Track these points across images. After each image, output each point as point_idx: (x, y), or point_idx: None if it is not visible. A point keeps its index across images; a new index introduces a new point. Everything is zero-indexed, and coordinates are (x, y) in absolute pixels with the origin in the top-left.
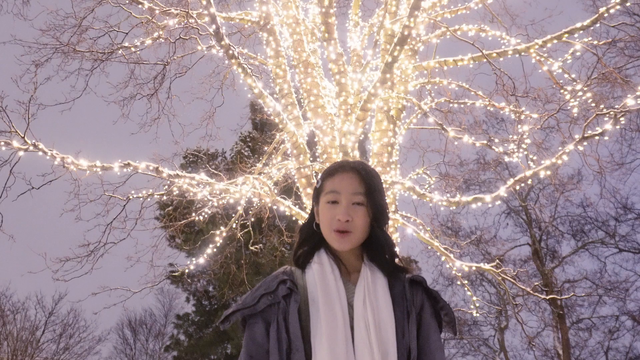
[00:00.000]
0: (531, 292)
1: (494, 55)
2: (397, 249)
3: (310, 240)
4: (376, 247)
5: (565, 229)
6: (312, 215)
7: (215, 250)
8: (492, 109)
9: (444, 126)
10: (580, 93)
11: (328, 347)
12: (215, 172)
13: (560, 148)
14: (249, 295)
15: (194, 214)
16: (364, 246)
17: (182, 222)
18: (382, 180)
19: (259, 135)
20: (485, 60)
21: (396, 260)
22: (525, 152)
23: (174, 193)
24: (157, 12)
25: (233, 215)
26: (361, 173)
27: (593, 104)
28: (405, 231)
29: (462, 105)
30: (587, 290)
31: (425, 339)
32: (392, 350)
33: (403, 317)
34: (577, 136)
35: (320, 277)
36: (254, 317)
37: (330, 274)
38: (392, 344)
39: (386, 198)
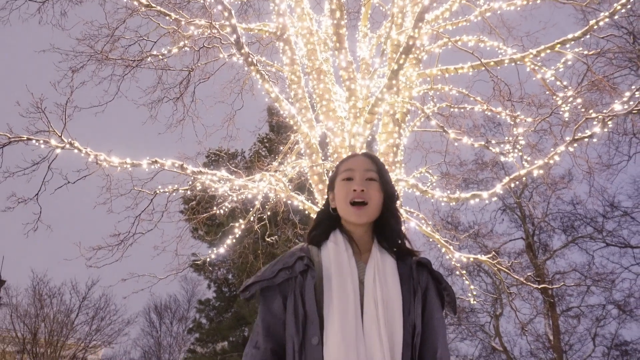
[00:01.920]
0: (524, 282)
1: (492, 64)
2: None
3: (325, 222)
4: (386, 228)
5: (556, 225)
6: (326, 203)
7: (234, 241)
8: (489, 114)
9: (445, 129)
10: (571, 99)
11: (339, 320)
12: (235, 169)
13: (552, 149)
14: (267, 269)
15: (215, 208)
16: (374, 229)
17: (204, 215)
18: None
19: (275, 136)
20: (483, 68)
21: (406, 243)
22: (520, 153)
23: (197, 188)
24: (183, 23)
25: (251, 209)
26: (372, 156)
27: (583, 109)
28: (409, 224)
29: (462, 110)
30: (576, 281)
31: (429, 316)
32: (398, 326)
33: (409, 295)
34: (568, 138)
35: (334, 255)
36: (272, 289)
37: (344, 252)
38: (399, 320)
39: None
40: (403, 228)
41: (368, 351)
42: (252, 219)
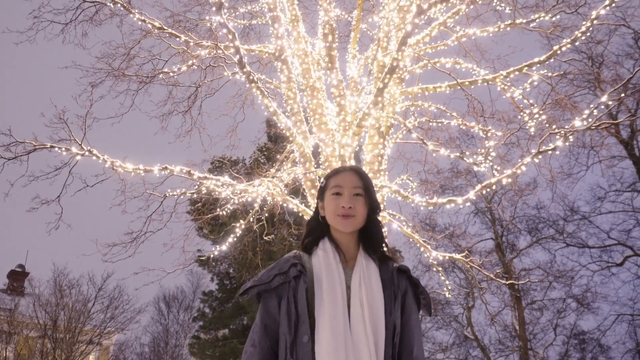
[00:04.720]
0: (494, 278)
1: (467, 83)
2: (386, 240)
3: (315, 230)
4: (370, 236)
5: (522, 227)
6: (316, 211)
7: (235, 239)
8: (464, 128)
9: (425, 141)
10: (536, 115)
11: (329, 320)
12: (237, 175)
13: (519, 160)
14: (264, 273)
15: (218, 209)
16: (360, 237)
17: (208, 216)
18: (374, 184)
19: (273, 146)
20: (459, 87)
21: (385, 248)
22: (491, 163)
23: (203, 192)
24: (191, 44)
25: (250, 210)
26: (359, 172)
27: (547, 125)
28: (391, 226)
29: (439, 124)
30: (539, 277)
31: (407, 318)
32: (381, 325)
33: (390, 299)
34: (533, 151)
35: (324, 262)
36: (269, 292)
37: (333, 260)
38: (382, 320)
39: (377, 196)
40: (384, 233)
41: (355, 347)
42: (251, 219)
